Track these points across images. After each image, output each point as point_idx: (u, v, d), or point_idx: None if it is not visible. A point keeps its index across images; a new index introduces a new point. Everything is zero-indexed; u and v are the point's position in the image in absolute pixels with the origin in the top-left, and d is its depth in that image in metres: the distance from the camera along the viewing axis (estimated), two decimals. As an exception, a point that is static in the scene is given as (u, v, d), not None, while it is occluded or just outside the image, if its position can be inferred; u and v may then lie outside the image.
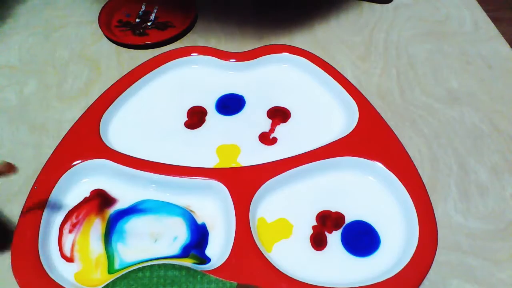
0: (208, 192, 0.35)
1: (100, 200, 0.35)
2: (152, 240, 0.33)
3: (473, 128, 0.40)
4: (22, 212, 0.32)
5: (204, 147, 0.39)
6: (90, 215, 0.34)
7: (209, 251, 0.32)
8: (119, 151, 0.37)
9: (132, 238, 0.33)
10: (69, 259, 0.32)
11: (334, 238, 0.33)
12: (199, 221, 0.34)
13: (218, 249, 0.32)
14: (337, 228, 0.34)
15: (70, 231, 0.33)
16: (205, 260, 0.32)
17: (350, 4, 0.54)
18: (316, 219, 0.34)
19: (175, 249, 0.33)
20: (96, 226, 0.34)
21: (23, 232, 0.32)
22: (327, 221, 0.34)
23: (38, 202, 0.33)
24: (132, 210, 0.34)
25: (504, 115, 0.41)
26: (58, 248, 0.32)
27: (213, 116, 0.41)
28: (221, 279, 0.29)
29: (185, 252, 0.32)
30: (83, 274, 0.31)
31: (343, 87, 0.41)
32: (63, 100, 0.43)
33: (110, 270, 0.31)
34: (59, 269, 0.31)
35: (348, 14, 0.52)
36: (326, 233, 0.33)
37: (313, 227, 0.34)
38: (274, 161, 0.36)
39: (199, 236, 0.33)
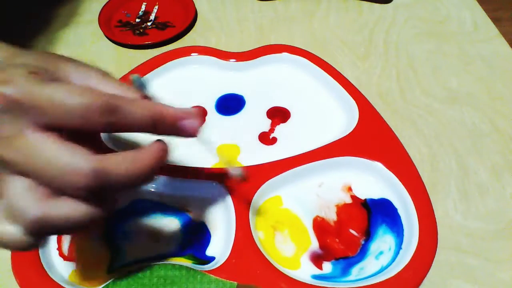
0: (208, 192, 0.35)
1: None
2: (152, 239, 0.33)
3: (473, 128, 0.40)
4: None
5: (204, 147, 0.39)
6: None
7: (209, 251, 0.32)
8: (119, 151, 0.37)
9: (135, 237, 0.33)
10: (68, 258, 0.32)
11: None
12: (197, 220, 0.34)
13: (218, 249, 0.32)
14: (337, 228, 0.34)
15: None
16: (205, 261, 0.32)
17: (350, 4, 0.54)
18: (316, 219, 0.34)
19: (174, 246, 0.33)
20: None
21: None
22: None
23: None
24: (130, 211, 0.34)
25: (504, 115, 0.41)
26: (57, 247, 0.32)
27: (213, 116, 0.41)
28: (221, 279, 0.29)
29: (183, 250, 0.32)
30: (81, 273, 0.31)
31: (343, 87, 0.41)
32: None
33: (110, 269, 0.31)
34: (59, 268, 0.31)
35: (348, 14, 0.52)
36: (326, 233, 0.33)
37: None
38: (274, 161, 0.36)
39: (197, 234, 0.33)
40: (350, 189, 0.35)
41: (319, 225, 0.33)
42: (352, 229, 0.33)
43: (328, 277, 0.31)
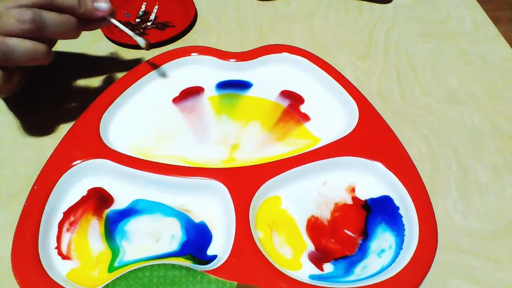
0: (208, 192, 0.35)
1: (96, 199, 0.35)
2: (153, 239, 0.33)
3: (473, 128, 0.40)
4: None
5: (205, 146, 0.39)
6: (87, 214, 0.34)
7: (209, 251, 0.32)
8: (119, 151, 0.37)
9: (135, 237, 0.33)
10: (67, 257, 0.32)
11: (334, 238, 0.33)
12: (196, 220, 0.34)
13: (218, 249, 0.32)
14: (337, 228, 0.34)
15: (68, 230, 0.33)
16: (205, 261, 0.32)
17: (350, 4, 0.54)
18: (316, 219, 0.34)
19: (174, 246, 0.33)
20: (94, 225, 0.34)
21: (23, 232, 0.32)
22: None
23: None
24: (130, 211, 0.34)
25: (504, 115, 0.41)
26: (56, 246, 0.32)
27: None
28: (221, 279, 0.29)
29: (184, 249, 0.32)
30: (80, 272, 0.31)
31: (343, 87, 0.41)
32: (63, 100, 0.43)
33: (111, 269, 0.31)
34: (59, 268, 0.31)
35: (348, 14, 0.52)
36: (326, 233, 0.33)
37: (313, 227, 0.34)
38: (274, 161, 0.36)
39: (197, 234, 0.33)
40: (353, 190, 0.35)
41: (313, 226, 0.33)
42: (347, 229, 0.33)
43: (326, 277, 0.31)
